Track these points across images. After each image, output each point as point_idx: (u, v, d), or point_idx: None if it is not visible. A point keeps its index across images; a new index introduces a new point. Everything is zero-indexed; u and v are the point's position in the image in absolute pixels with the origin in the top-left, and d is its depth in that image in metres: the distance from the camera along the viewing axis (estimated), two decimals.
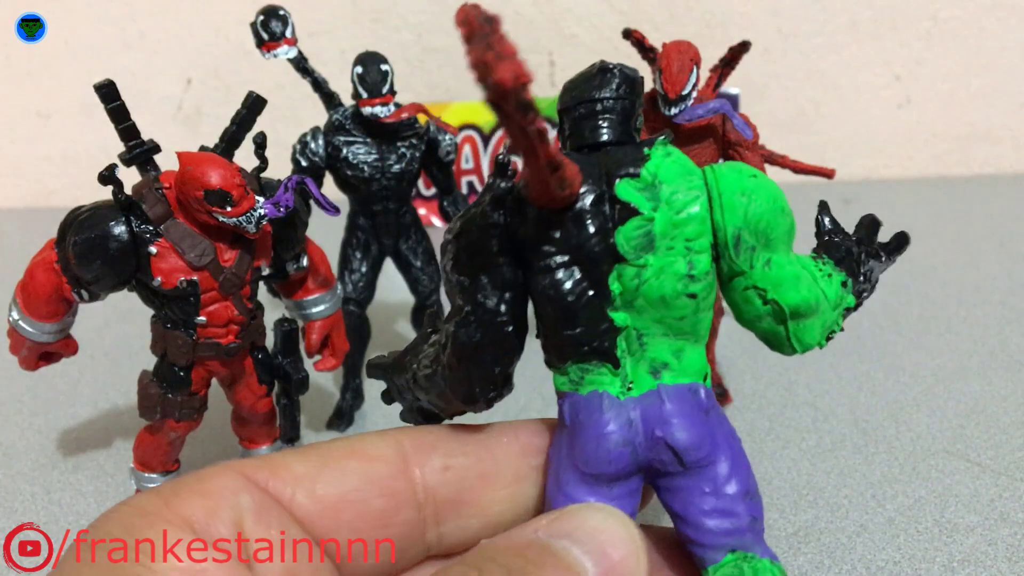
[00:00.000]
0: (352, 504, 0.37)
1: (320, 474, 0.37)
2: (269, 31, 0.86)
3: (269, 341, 0.77)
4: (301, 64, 0.90)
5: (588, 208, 0.37)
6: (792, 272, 0.39)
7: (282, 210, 0.68)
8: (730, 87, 1.51)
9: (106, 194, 0.67)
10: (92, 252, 0.65)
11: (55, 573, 0.31)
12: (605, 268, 0.37)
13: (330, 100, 0.92)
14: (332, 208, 0.71)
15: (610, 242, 0.37)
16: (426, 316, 0.46)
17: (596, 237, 0.37)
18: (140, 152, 0.68)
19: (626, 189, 0.37)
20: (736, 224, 0.37)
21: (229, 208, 0.65)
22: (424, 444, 0.40)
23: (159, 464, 0.76)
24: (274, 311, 0.89)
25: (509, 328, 0.39)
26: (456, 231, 0.40)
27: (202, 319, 0.69)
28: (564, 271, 0.37)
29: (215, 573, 0.31)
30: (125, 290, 0.69)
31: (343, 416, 0.95)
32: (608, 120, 0.40)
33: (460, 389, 0.40)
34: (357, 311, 0.95)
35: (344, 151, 0.89)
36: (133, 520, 0.32)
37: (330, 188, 0.89)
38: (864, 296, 0.42)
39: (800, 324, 0.39)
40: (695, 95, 0.80)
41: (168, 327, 0.70)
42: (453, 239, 0.40)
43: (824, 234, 0.43)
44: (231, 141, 0.72)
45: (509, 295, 0.39)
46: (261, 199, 0.67)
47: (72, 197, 0.88)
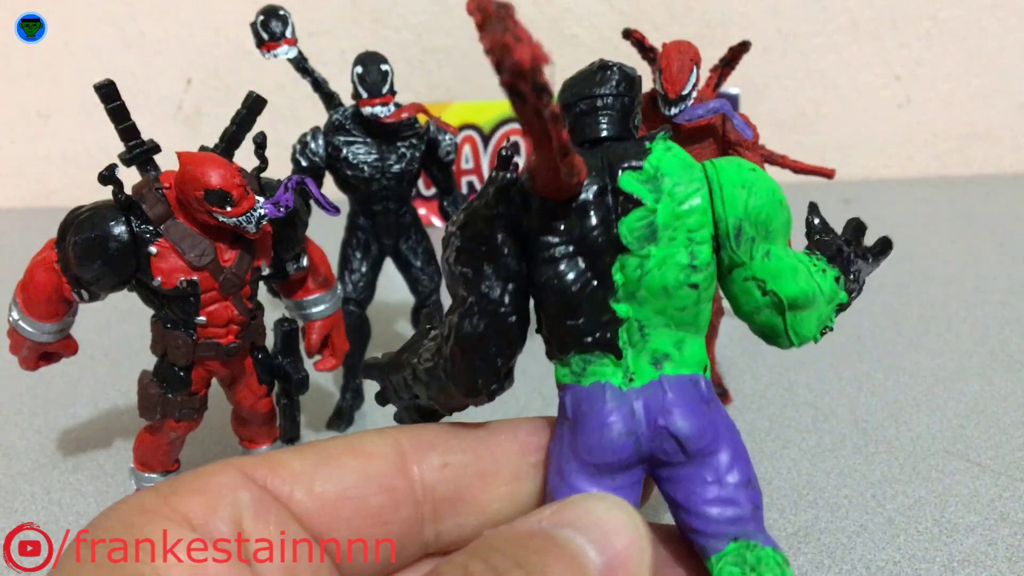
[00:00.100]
0: (350, 501, 0.37)
1: (318, 471, 0.37)
2: (269, 31, 0.86)
3: (269, 341, 0.77)
4: (301, 64, 0.90)
5: (592, 199, 0.38)
6: (790, 264, 0.39)
7: (282, 210, 0.68)
8: (730, 87, 1.51)
9: (106, 194, 0.67)
10: (92, 252, 0.65)
11: (55, 573, 0.31)
12: (608, 259, 0.37)
13: (330, 100, 0.92)
14: (332, 208, 0.71)
15: (613, 233, 0.37)
16: (423, 315, 0.46)
17: (599, 228, 0.37)
18: (140, 152, 0.68)
19: (629, 181, 0.38)
20: (737, 215, 0.38)
21: (229, 208, 0.65)
22: (422, 442, 0.40)
23: (159, 464, 0.76)
24: (274, 311, 0.89)
25: (512, 319, 0.39)
26: (460, 223, 0.40)
27: (202, 319, 0.69)
28: (568, 262, 0.38)
29: (215, 572, 0.31)
30: (125, 290, 0.69)
31: (343, 416, 0.95)
32: (608, 116, 0.40)
33: (462, 381, 0.40)
34: (357, 311, 0.95)
35: (344, 151, 0.89)
36: (133, 518, 0.32)
37: (330, 188, 0.89)
38: (853, 296, 0.42)
39: (797, 316, 0.40)
40: (695, 95, 0.80)
41: (168, 327, 0.70)
42: (457, 230, 0.40)
43: (815, 233, 0.44)
44: (231, 141, 0.72)
45: (512, 286, 0.39)
46: (261, 199, 0.67)
47: (72, 197, 0.87)
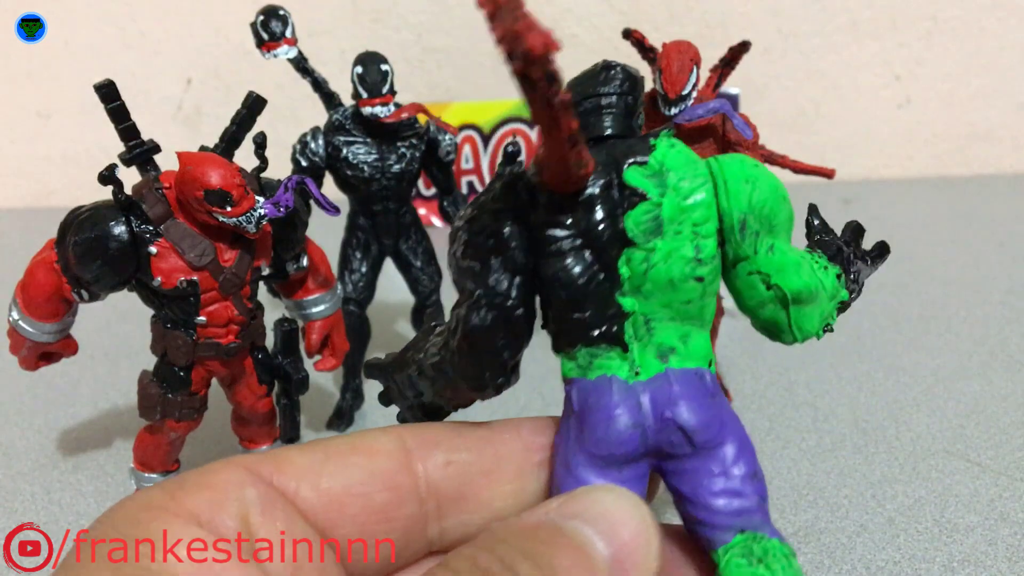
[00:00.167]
0: (356, 498, 0.37)
1: (324, 468, 0.37)
2: (269, 31, 0.86)
3: (269, 341, 0.77)
4: (301, 64, 0.90)
5: (598, 193, 0.38)
6: (794, 258, 0.40)
7: (282, 210, 0.68)
8: (730, 87, 1.51)
9: (106, 194, 0.67)
10: (92, 252, 0.65)
11: (63, 572, 0.31)
12: (615, 252, 0.38)
13: (330, 100, 0.92)
14: (332, 208, 0.71)
15: (619, 227, 0.38)
16: (427, 315, 0.47)
17: (606, 221, 0.38)
18: (140, 152, 0.68)
19: (634, 175, 0.38)
20: (741, 209, 0.38)
21: (229, 208, 0.65)
22: (426, 440, 0.40)
23: (159, 464, 0.76)
24: (274, 311, 0.89)
25: (519, 311, 0.39)
26: (468, 217, 0.41)
27: (202, 319, 0.69)
28: (575, 255, 0.38)
29: (221, 571, 0.31)
30: (125, 290, 0.69)
31: (343, 416, 0.95)
32: (612, 115, 0.41)
33: (469, 374, 0.41)
34: (357, 311, 0.95)
35: (344, 151, 0.89)
36: (139, 515, 0.32)
37: (330, 188, 0.89)
38: (853, 296, 0.43)
39: (801, 311, 0.40)
40: (695, 95, 0.80)
41: (168, 327, 0.70)
42: (465, 224, 0.41)
43: (815, 234, 0.44)
44: (231, 141, 0.72)
45: (519, 279, 0.39)
46: (261, 199, 0.67)
47: (72, 197, 0.87)
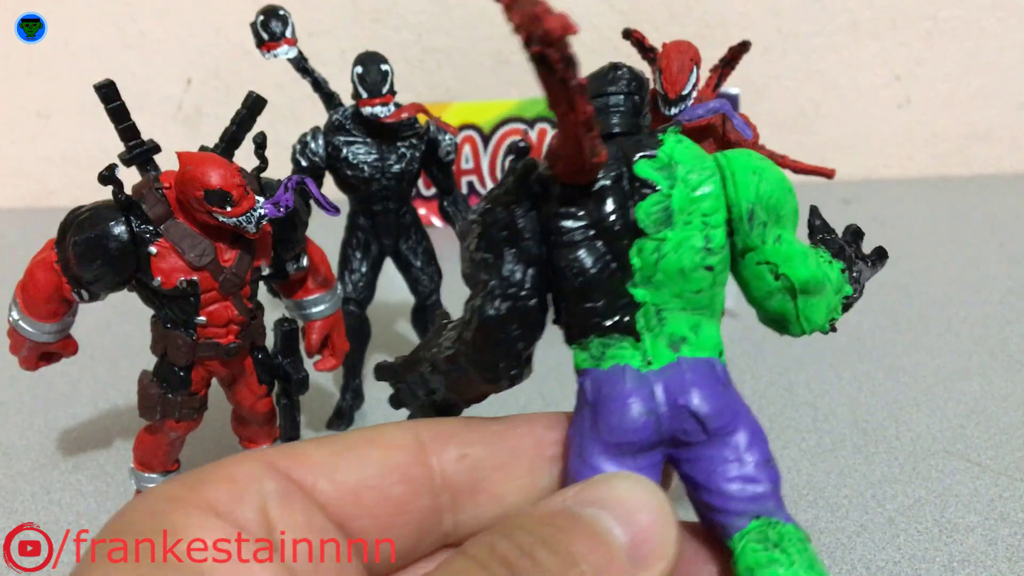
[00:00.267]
0: (372, 490, 0.38)
1: (341, 461, 0.38)
2: (269, 31, 0.86)
3: (269, 341, 0.77)
4: (301, 64, 0.90)
5: (609, 185, 0.39)
6: (801, 249, 0.41)
7: (282, 210, 0.68)
8: (730, 87, 1.51)
9: (106, 194, 0.67)
10: (92, 252, 0.65)
11: (87, 569, 0.31)
12: (626, 243, 0.39)
13: (330, 100, 0.92)
14: (332, 208, 0.71)
15: (630, 218, 0.39)
16: (437, 313, 0.47)
17: (617, 212, 0.39)
18: (140, 152, 0.68)
19: (644, 168, 0.39)
20: (749, 199, 0.39)
21: (229, 208, 0.65)
22: (440, 434, 0.41)
23: (159, 464, 0.76)
24: (274, 311, 0.89)
25: (533, 301, 0.40)
26: (482, 210, 0.42)
27: (202, 319, 0.69)
28: (587, 245, 0.39)
29: (244, 565, 0.31)
30: (125, 290, 0.69)
31: (343, 416, 0.95)
32: (620, 113, 0.42)
33: (484, 365, 0.41)
34: (357, 311, 0.95)
35: (344, 151, 0.89)
36: (161, 506, 0.32)
37: (330, 188, 0.89)
38: (855, 297, 0.44)
39: (808, 301, 0.41)
40: (695, 95, 0.80)
41: (168, 327, 0.70)
42: (479, 217, 0.42)
43: (816, 233, 0.45)
44: (231, 141, 0.72)
45: (533, 270, 0.40)
46: (261, 199, 0.67)
47: (72, 197, 0.87)
